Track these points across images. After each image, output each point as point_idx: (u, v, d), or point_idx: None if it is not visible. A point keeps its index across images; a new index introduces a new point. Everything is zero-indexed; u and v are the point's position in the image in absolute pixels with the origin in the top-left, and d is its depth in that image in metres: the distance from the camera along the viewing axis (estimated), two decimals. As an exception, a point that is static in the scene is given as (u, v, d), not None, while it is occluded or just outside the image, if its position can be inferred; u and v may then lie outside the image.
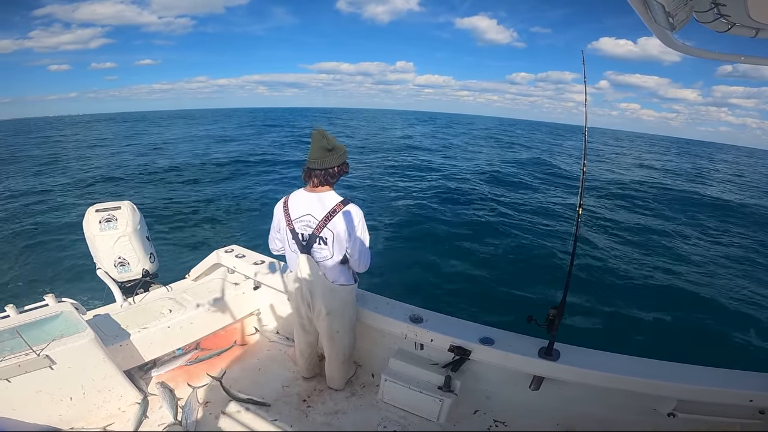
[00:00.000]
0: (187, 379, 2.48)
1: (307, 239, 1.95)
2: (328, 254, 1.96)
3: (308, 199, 1.93)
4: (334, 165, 1.91)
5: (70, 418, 2.04)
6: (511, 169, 18.14)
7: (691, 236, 8.55)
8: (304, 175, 1.95)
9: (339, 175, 1.97)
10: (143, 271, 3.17)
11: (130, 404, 2.21)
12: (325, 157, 1.87)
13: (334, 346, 2.27)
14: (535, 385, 2.01)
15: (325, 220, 1.89)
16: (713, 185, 18.38)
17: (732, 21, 1.19)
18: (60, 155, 22.37)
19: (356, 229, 1.93)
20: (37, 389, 1.91)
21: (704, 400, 1.71)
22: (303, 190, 1.98)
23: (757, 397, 1.63)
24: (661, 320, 5.01)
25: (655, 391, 1.75)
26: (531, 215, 9.48)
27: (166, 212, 10.02)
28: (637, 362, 1.83)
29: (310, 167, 1.91)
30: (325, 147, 1.86)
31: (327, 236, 1.91)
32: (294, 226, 1.95)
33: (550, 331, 1.85)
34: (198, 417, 2.18)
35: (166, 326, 2.52)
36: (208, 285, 3.03)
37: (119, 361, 2.21)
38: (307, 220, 1.92)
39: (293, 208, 1.96)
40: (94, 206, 3.06)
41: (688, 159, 36.00)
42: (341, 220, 1.89)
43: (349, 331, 2.28)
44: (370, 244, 2.06)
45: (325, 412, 2.28)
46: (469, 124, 78.27)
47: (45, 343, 1.88)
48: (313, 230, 1.91)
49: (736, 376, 1.72)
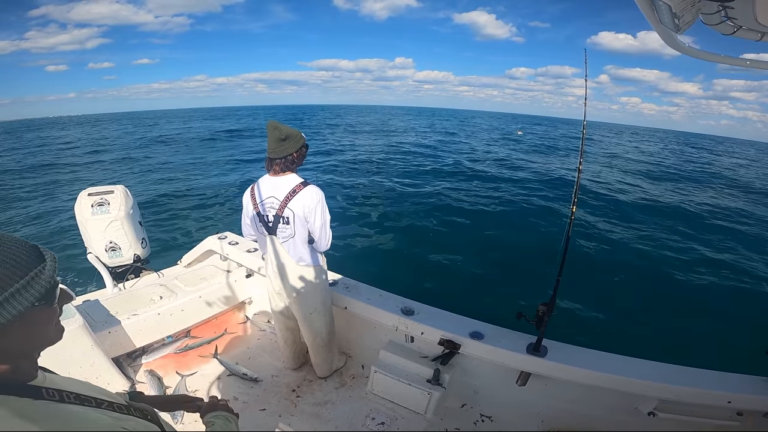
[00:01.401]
0: (176, 367, 2.48)
1: (271, 220, 2.05)
2: (291, 232, 2.06)
3: (272, 182, 2.05)
4: (292, 152, 2.01)
5: None
6: (513, 157, 18.05)
7: (684, 235, 8.61)
8: (266, 164, 2.07)
9: (299, 160, 2.07)
10: (134, 256, 3.15)
11: (116, 392, 2.20)
12: (280, 146, 1.98)
13: (309, 328, 2.30)
14: (522, 380, 2.02)
15: (285, 200, 2.00)
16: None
17: (738, 24, 1.17)
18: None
19: (316, 208, 2.03)
20: None
21: (684, 401, 1.73)
22: (267, 176, 2.09)
23: (735, 398, 1.65)
24: (648, 319, 5.07)
25: (638, 390, 1.76)
26: (530, 212, 9.49)
27: (159, 197, 9.96)
28: (622, 361, 1.84)
29: (270, 157, 2.02)
30: (278, 138, 1.97)
31: (288, 215, 2.02)
32: (259, 209, 2.06)
33: (539, 327, 1.86)
34: (186, 405, 2.18)
35: (156, 313, 2.51)
36: (200, 272, 3.02)
37: (107, 347, 2.21)
38: (270, 201, 2.04)
39: (258, 192, 2.08)
40: (86, 190, 3.02)
41: (690, 151, 36.00)
42: (300, 200, 2.00)
43: (323, 312, 2.30)
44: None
45: (314, 402, 2.30)
46: (472, 118, 77.99)
47: (31, 329, 1.86)
48: (276, 210, 2.03)
49: (715, 377, 1.74)
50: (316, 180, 2.18)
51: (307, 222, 2.04)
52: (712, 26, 1.23)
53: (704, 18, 1.22)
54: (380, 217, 8.53)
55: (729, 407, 1.68)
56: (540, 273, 5.71)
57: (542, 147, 26.16)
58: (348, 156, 17.55)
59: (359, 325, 2.52)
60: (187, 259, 3.36)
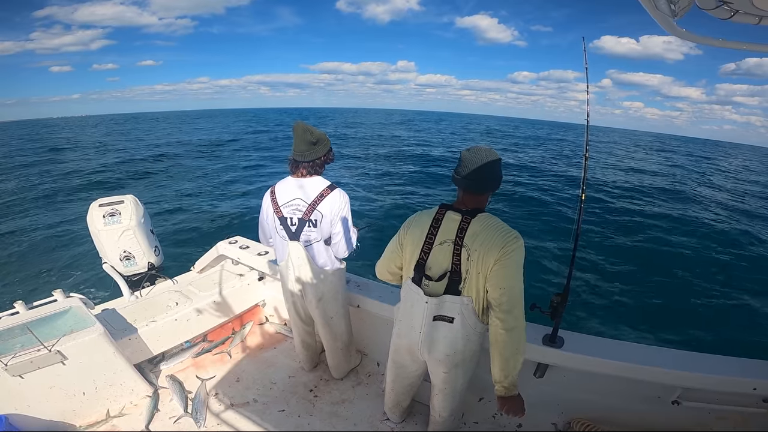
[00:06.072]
0: (196, 371, 2.52)
1: (296, 223, 2.01)
2: (318, 236, 2.03)
3: (297, 184, 2.00)
4: (321, 155, 1.98)
5: (84, 413, 2.09)
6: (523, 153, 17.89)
7: (699, 222, 8.50)
8: (291, 166, 2.01)
9: (325, 164, 2.04)
10: (149, 264, 3.20)
11: (141, 398, 2.25)
12: (310, 149, 1.94)
13: (330, 332, 2.30)
14: (540, 372, 2.02)
15: (314, 202, 1.96)
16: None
17: (734, 8, 1.16)
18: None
19: (342, 212, 2.02)
20: (51, 385, 1.94)
21: (708, 389, 1.71)
22: (290, 178, 2.04)
23: (761, 385, 1.63)
24: (665, 307, 5.02)
25: (660, 379, 1.75)
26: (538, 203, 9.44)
27: (168, 205, 10.04)
28: (642, 350, 1.83)
29: (296, 159, 1.97)
30: (309, 141, 1.93)
31: (317, 218, 1.98)
32: (282, 213, 2.01)
33: (554, 318, 1.85)
34: (207, 408, 2.22)
35: (173, 319, 2.55)
36: (213, 277, 3.05)
37: (128, 354, 2.25)
38: (296, 204, 1.99)
39: (281, 194, 2.02)
40: (97, 201, 3.07)
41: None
42: (329, 203, 1.97)
43: (343, 315, 2.31)
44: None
45: (332, 401, 2.32)
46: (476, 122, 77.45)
47: (56, 339, 1.90)
48: (303, 213, 1.98)
49: (740, 364, 1.72)
50: (343, 184, 2.22)
51: (333, 225, 2.02)
52: (709, 11, 1.22)
53: (700, 2, 1.21)
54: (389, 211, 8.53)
55: (754, 394, 1.66)
56: (552, 260, 5.67)
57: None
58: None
59: (372, 322, 2.53)
60: (199, 264, 3.40)
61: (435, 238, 1.57)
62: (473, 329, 1.58)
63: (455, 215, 1.56)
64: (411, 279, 1.62)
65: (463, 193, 1.59)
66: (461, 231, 1.52)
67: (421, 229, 1.60)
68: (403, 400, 2.05)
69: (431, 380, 1.81)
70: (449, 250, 1.53)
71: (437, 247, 1.56)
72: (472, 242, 1.50)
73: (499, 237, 1.47)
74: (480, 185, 1.55)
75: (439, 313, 1.57)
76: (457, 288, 1.53)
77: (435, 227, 1.58)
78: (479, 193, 1.57)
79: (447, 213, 1.58)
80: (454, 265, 1.52)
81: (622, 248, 6.94)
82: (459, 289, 1.53)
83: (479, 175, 1.53)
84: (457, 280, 1.52)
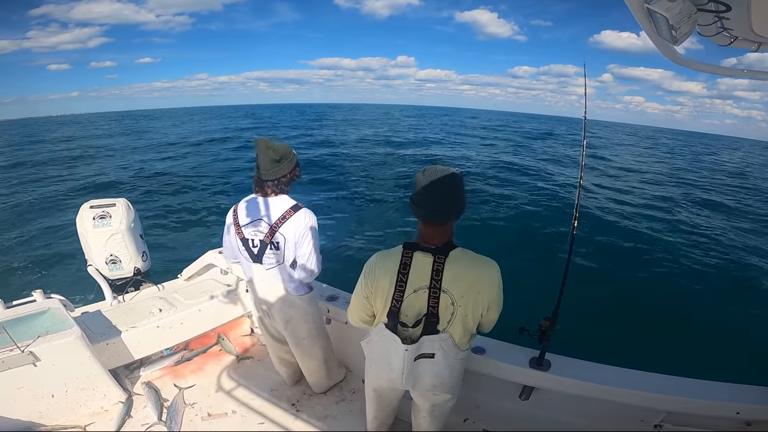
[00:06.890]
0: (174, 379, 2.45)
1: (257, 245, 1.90)
2: (279, 259, 1.92)
3: (260, 204, 1.89)
4: (286, 173, 1.87)
5: (51, 416, 2.02)
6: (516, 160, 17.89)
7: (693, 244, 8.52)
8: (255, 184, 1.90)
9: (291, 181, 1.93)
10: (135, 269, 3.14)
11: (113, 403, 2.18)
12: (274, 168, 1.83)
13: (304, 352, 2.19)
14: (525, 394, 1.99)
15: (276, 224, 1.86)
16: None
17: (734, 35, 1.20)
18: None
19: (306, 235, 1.90)
20: (19, 386, 1.88)
21: (691, 412, 1.71)
22: (255, 196, 1.93)
23: (744, 409, 1.63)
24: (653, 330, 5.03)
25: (644, 402, 1.74)
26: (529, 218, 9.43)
27: (161, 211, 9.98)
28: (627, 374, 1.82)
29: (262, 178, 1.85)
30: (273, 159, 1.81)
31: (279, 240, 1.87)
32: (244, 234, 1.90)
33: (542, 341, 1.84)
34: (183, 418, 2.14)
35: (155, 326, 2.49)
36: (200, 285, 3.01)
37: (105, 359, 2.19)
38: (258, 225, 1.88)
39: (242, 214, 1.91)
40: (88, 202, 3.04)
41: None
42: (293, 225, 1.86)
43: (316, 336, 2.19)
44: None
45: (315, 416, 2.25)
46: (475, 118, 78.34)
47: (30, 340, 1.86)
48: (264, 235, 1.87)
49: (723, 388, 1.72)
50: (308, 203, 2.15)
51: (298, 248, 1.92)
52: (709, 37, 1.26)
53: (701, 29, 1.25)
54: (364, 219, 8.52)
55: (737, 418, 1.65)
56: (542, 286, 5.63)
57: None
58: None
59: (358, 336, 2.49)
60: (187, 272, 3.35)
61: (406, 286, 1.39)
62: (455, 358, 1.48)
63: (425, 257, 1.37)
64: (385, 325, 1.46)
65: (424, 225, 1.41)
66: (437, 274, 1.35)
67: (389, 277, 1.41)
68: (387, 420, 1.99)
69: (417, 403, 1.71)
70: (425, 296, 1.37)
71: (411, 295, 1.39)
72: (456, 287, 1.36)
73: (488, 278, 1.40)
74: (443, 216, 1.36)
75: (419, 352, 1.44)
76: (434, 328, 1.40)
77: (404, 273, 1.38)
78: (442, 224, 1.38)
79: (414, 254, 1.39)
80: (431, 308, 1.37)
81: (613, 272, 6.95)
82: (437, 329, 1.41)
83: (441, 205, 1.34)
84: (434, 321, 1.39)
